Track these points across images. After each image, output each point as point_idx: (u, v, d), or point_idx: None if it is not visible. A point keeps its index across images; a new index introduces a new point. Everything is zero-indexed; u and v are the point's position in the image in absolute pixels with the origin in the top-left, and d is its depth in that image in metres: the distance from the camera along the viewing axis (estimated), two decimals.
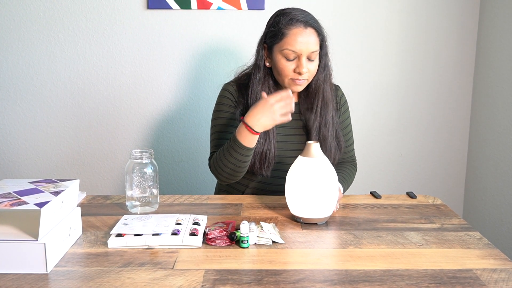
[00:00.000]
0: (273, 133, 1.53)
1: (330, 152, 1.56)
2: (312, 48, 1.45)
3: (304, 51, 1.44)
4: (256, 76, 1.53)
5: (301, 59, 1.44)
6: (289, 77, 1.47)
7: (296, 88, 1.50)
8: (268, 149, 1.52)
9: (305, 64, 1.45)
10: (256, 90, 1.53)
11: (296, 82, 1.48)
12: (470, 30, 2.24)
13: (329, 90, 1.56)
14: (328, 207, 1.30)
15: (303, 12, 1.49)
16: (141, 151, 1.40)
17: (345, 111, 1.67)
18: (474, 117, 2.30)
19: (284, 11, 1.50)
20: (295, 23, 1.44)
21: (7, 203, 1.05)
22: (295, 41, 1.43)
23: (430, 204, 1.50)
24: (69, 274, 1.04)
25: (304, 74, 1.45)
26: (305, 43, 1.43)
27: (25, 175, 2.27)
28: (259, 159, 1.52)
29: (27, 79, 2.19)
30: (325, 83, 1.55)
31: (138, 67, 2.20)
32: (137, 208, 1.42)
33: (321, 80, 1.54)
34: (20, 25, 2.15)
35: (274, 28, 1.48)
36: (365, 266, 1.08)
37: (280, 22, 1.46)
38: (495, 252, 1.15)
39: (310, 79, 1.51)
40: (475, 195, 2.30)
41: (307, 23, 1.45)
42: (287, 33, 1.44)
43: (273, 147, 1.53)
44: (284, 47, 1.45)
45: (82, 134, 2.25)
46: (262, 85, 1.53)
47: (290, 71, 1.46)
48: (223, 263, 1.09)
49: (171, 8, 2.13)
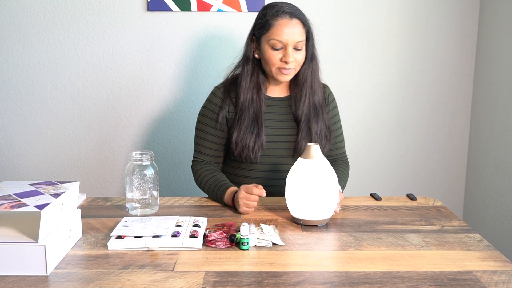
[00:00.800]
0: (263, 121, 1.58)
1: (321, 140, 1.61)
2: (298, 38, 1.51)
3: (290, 41, 1.50)
4: (245, 68, 1.60)
5: (288, 48, 1.51)
6: (276, 66, 1.53)
7: (283, 78, 1.56)
8: (257, 135, 1.57)
9: (291, 54, 1.51)
10: (246, 82, 1.59)
11: (283, 72, 1.54)
12: (470, 30, 2.24)
13: (317, 81, 1.63)
14: (328, 209, 1.30)
15: (289, 4, 1.55)
16: (141, 153, 1.40)
17: (333, 108, 1.71)
18: (474, 118, 2.30)
19: (271, 4, 1.57)
20: (281, 14, 1.51)
21: (7, 205, 1.05)
22: (281, 32, 1.50)
23: (430, 206, 1.50)
24: (69, 276, 1.04)
25: (290, 63, 1.52)
26: (291, 34, 1.50)
27: (25, 177, 2.27)
28: (250, 145, 1.56)
29: (27, 81, 2.19)
30: (313, 73, 1.61)
31: (138, 69, 2.20)
32: (137, 210, 1.42)
33: (309, 70, 1.60)
34: (20, 27, 2.15)
35: (262, 20, 1.55)
36: (365, 268, 1.08)
37: (267, 14, 1.54)
38: (495, 254, 1.15)
39: (297, 69, 1.57)
40: (475, 197, 2.30)
41: (293, 14, 1.52)
42: (273, 24, 1.51)
43: (263, 133, 1.57)
44: (271, 37, 1.51)
45: (82, 136, 2.25)
46: (251, 77, 1.59)
47: (277, 60, 1.52)
48: (223, 265, 1.09)
49: (171, 10, 2.13)
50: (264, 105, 1.60)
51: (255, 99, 1.59)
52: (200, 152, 1.63)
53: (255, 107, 1.58)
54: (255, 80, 1.59)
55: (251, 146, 1.56)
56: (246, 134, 1.56)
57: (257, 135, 1.56)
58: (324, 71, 2.23)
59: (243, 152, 1.57)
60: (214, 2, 2.12)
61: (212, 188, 1.52)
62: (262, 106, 1.59)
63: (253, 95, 1.59)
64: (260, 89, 1.60)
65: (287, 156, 1.62)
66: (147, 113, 2.24)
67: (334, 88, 2.25)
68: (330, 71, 2.24)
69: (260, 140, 1.57)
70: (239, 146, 1.57)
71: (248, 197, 1.39)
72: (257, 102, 1.59)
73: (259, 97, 1.59)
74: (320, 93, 1.64)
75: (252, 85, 1.59)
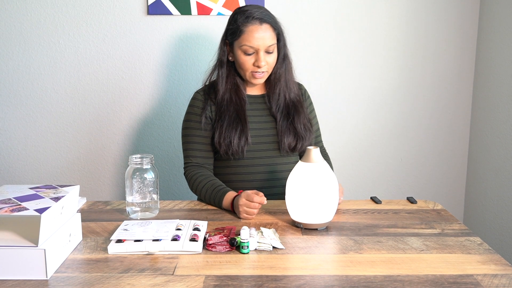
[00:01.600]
0: (246, 117, 1.61)
1: (306, 134, 1.64)
2: (269, 43, 1.56)
3: (261, 46, 1.55)
4: (220, 72, 1.65)
5: (259, 53, 1.56)
6: (249, 70, 1.59)
7: (256, 81, 1.62)
8: (242, 131, 1.58)
9: (263, 58, 1.56)
10: (223, 85, 1.63)
11: (256, 76, 1.59)
12: (469, 35, 2.25)
13: (291, 78, 1.68)
14: (328, 212, 1.30)
15: (259, 9, 1.58)
16: (141, 156, 1.41)
17: (310, 104, 1.77)
18: (474, 121, 2.30)
19: (242, 9, 1.60)
20: (251, 20, 1.55)
21: (7, 209, 1.05)
22: (252, 37, 1.54)
23: (430, 209, 1.50)
24: (69, 280, 1.04)
25: (262, 67, 1.57)
26: (262, 39, 1.54)
27: (25, 181, 2.27)
28: (235, 141, 1.58)
29: (27, 84, 2.20)
30: (286, 72, 1.66)
31: (138, 73, 2.21)
32: (137, 213, 1.42)
33: (281, 70, 1.65)
34: (21, 31, 2.15)
35: (233, 26, 1.59)
36: (365, 272, 1.07)
37: (238, 20, 1.57)
38: (496, 258, 1.15)
39: (269, 71, 1.62)
40: (476, 200, 2.30)
41: (262, 20, 1.55)
42: (244, 30, 1.55)
43: (247, 128, 1.59)
44: (242, 43, 1.56)
45: (82, 139, 2.25)
46: (227, 79, 1.64)
47: (250, 65, 1.58)
48: (223, 269, 1.09)
49: (171, 14, 2.14)
50: (245, 103, 1.63)
51: (234, 99, 1.62)
52: (191, 156, 1.63)
53: (235, 105, 1.61)
54: (232, 81, 1.64)
55: (236, 141, 1.58)
56: (230, 131, 1.58)
57: (241, 130, 1.59)
58: (324, 75, 2.25)
59: (229, 149, 1.58)
60: (214, 5, 2.12)
61: (209, 194, 1.52)
62: (243, 104, 1.63)
63: (232, 95, 1.63)
64: (239, 89, 1.64)
65: (273, 150, 1.64)
66: (148, 117, 2.24)
67: (334, 91, 2.27)
68: (330, 75, 2.25)
69: (245, 135, 1.59)
70: (224, 144, 1.58)
71: (248, 205, 1.38)
72: (237, 101, 1.62)
73: (239, 96, 1.63)
74: (296, 90, 1.70)
75: (230, 86, 1.64)
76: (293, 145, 1.64)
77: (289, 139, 1.63)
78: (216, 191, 1.50)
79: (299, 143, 1.64)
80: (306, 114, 1.69)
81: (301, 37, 2.20)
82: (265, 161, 1.63)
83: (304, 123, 1.66)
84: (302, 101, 1.70)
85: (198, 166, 1.62)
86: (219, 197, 1.48)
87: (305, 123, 1.66)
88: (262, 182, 1.63)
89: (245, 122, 1.60)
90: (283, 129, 1.63)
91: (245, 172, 1.63)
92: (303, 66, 2.22)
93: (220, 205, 1.49)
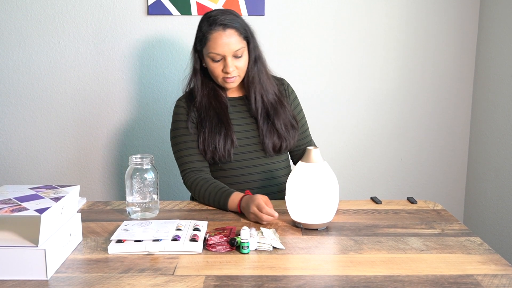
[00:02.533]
0: (228, 119, 1.59)
1: (288, 133, 1.62)
2: (235, 47, 1.53)
3: (227, 52, 1.52)
4: (194, 80, 1.64)
5: (227, 59, 1.53)
6: (220, 77, 1.57)
7: (229, 86, 1.60)
8: (226, 134, 1.57)
9: (231, 63, 1.54)
10: (199, 93, 1.62)
11: (227, 81, 1.57)
12: (469, 35, 2.24)
13: (266, 79, 1.64)
14: (328, 212, 1.30)
15: (223, 13, 1.55)
16: (142, 156, 1.41)
17: (294, 99, 1.73)
18: (474, 122, 2.30)
19: (207, 15, 1.57)
20: (215, 27, 1.52)
21: (8, 209, 1.05)
22: (216, 44, 1.52)
23: (430, 210, 1.50)
24: (69, 280, 1.04)
25: (231, 72, 1.55)
26: (227, 44, 1.52)
27: (25, 181, 2.27)
28: (221, 145, 1.56)
29: (27, 84, 2.20)
30: (260, 74, 1.63)
31: (138, 73, 2.21)
32: (138, 214, 1.42)
33: (255, 72, 1.62)
34: (21, 31, 2.15)
35: (199, 33, 1.57)
36: (365, 272, 1.07)
37: (203, 27, 1.55)
38: (496, 258, 1.15)
39: (241, 75, 1.60)
40: (476, 200, 2.30)
41: (226, 26, 1.52)
42: (209, 37, 1.53)
43: (232, 131, 1.58)
44: (209, 51, 1.54)
45: (83, 139, 2.25)
46: (203, 86, 1.62)
47: (220, 71, 1.56)
48: (223, 269, 1.09)
49: (171, 14, 2.14)
50: (226, 106, 1.62)
51: (214, 103, 1.61)
52: (187, 162, 1.59)
53: (215, 109, 1.60)
54: (209, 87, 1.63)
55: (221, 145, 1.56)
56: (213, 135, 1.57)
57: (226, 134, 1.57)
58: (325, 76, 2.25)
59: (215, 154, 1.57)
60: (214, 6, 2.12)
61: (212, 197, 1.49)
62: (224, 107, 1.61)
63: (211, 100, 1.61)
64: (217, 93, 1.62)
65: (259, 151, 1.63)
66: (148, 117, 2.24)
67: (334, 91, 2.27)
68: (330, 76, 2.25)
69: (230, 138, 1.57)
70: (209, 150, 1.57)
71: (257, 214, 1.35)
72: (217, 105, 1.61)
73: (219, 100, 1.61)
74: (274, 89, 1.66)
75: (207, 92, 1.62)
76: (278, 147, 1.62)
77: (272, 141, 1.61)
78: (220, 193, 1.48)
79: (283, 144, 1.62)
80: (289, 112, 1.66)
81: (301, 37, 2.20)
82: (254, 162, 1.62)
83: (285, 123, 1.63)
84: (282, 100, 1.66)
85: (196, 171, 1.59)
86: (224, 199, 1.46)
87: (286, 122, 1.63)
88: (254, 183, 1.62)
89: (228, 124, 1.58)
90: (265, 131, 1.61)
91: (236, 175, 1.62)
92: (303, 66, 2.22)
93: (225, 208, 1.47)
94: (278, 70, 2.19)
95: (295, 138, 1.66)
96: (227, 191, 1.48)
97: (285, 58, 2.21)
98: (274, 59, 2.20)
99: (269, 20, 2.18)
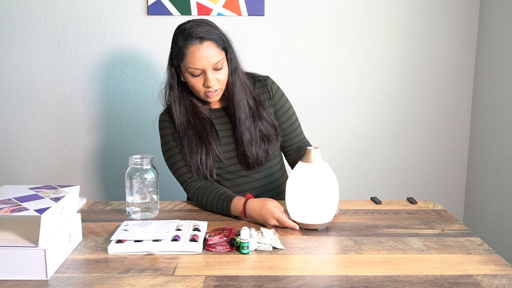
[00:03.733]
0: (208, 136, 1.53)
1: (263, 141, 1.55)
2: (214, 60, 1.45)
3: (207, 65, 1.44)
4: (171, 96, 1.55)
5: (207, 73, 1.45)
6: (202, 91, 1.49)
7: (212, 99, 1.52)
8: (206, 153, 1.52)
9: (212, 77, 1.46)
10: (177, 110, 1.54)
11: (209, 95, 1.50)
12: (469, 35, 2.25)
13: (240, 88, 1.54)
14: (328, 213, 1.30)
15: (198, 25, 1.46)
16: (142, 156, 1.41)
17: (280, 97, 1.65)
18: (474, 122, 2.30)
19: (181, 28, 1.48)
20: (191, 41, 1.43)
21: (8, 209, 1.05)
22: (195, 59, 1.43)
23: (430, 210, 1.50)
24: (69, 280, 1.04)
25: (213, 86, 1.47)
26: (205, 58, 1.44)
27: (25, 181, 2.27)
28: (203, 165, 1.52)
29: (27, 84, 2.20)
30: (240, 83, 1.54)
31: (138, 73, 2.21)
32: (137, 214, 1.42)
33: (234, 82, 1.53)
34: (21, 31, 2.15)
35: (175, 48, 1.48)
36: (365, 272, 1.07)
37: (178, 41, 1.46)
38: (496, 258, 1.15)
39: (223, 87, 1.52)
40: (476, 201, 2.30)
41: (202, 38, 1.44)
42: (186, 52, 1.44)
43: (213, 149, 1.53)
44: (187, 66, 1.46)
45: (82, 139, 2.25)
46: (180, 102, 1.54)
47: (201, 86, 1.48)
48: (223, 269, 1.09)
49: (171, 14, 2.14)
50: (210, 119, 1.56)
51: (192, 120, 1.54)
52: (185, 173, 1.54)
53: (194, 127, 1.53)
54: (186, 103, 1.55)
55: (203, 165, 1.51)
56: (194, 155, 1.51)
57: (206, 152, 1.52)
58: (325, 76, 2.25)
59: (198, 172, 1.52)
60: (214, 6, 2.12)
61: (215, 203, 1.45)
62: (206, 122, 1.55)
63: (189, 117, 1.54)
64: (196, 109, 1.55)
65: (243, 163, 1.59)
66: (147, 117, 2.24)
67: (334, 92, 2.27)
68: (330, 76, 2.25)
69: (212, 155, 1.52)
70: (193, 168, 1.52)
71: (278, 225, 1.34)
72: (197, 122, 1.54)
73: (198, 116, 1.55)
74: (247, 98, 1.56)
75: (184, 109, 1.54)
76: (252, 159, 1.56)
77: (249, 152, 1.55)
78: (222, 199, 1.44)
79: (269, 149, 1.57)
80: (267, 118, 1.58)
81: (301, 37, 2.20)
82: (244, 173, 1.59)
83: (260, 131, 1.56)
84: (260, 105, 1.58)
85: (196, 180, 1.54)
86: (226, 205, 1.42)
87: (263, 129, 1.56)
88: (254, 191, 1.60)
89: (209, 142, 1.52)
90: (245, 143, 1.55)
91: (229, 186, 1.58)
92: (303, 66, 2.22)
93: (228, 213, 1.42)
94: (278, 70, 2.20)
95: (268, 151, 1.57)
96: (227, 197, 1.43)
97: (285, 58, 2.21)
98: (274, 59, 2.21)
99: (269, 20, 2.18)
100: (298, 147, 1.68)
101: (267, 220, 1.33)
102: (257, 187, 1.61)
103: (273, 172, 1.65)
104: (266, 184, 1.63)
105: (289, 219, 1.33)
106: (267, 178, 1.62)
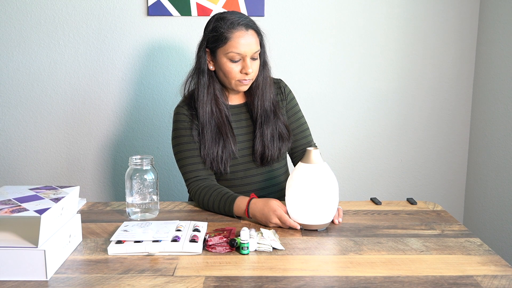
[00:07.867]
0: (227, 131, 1.55)
1: (273, 142, 1.59)
2: (255, 49, 1.51)
3: (248, 52, 1.50)
4: (201, 81, 1.57)
5: (246, 60, 1.50)
6: (236, 78, 1.53)
7: (242, 88, 1.56)
8: (224, 146, 1.54)
9: (250, 64, 1.51)
10: (203, 95, 1.56)
11: (243, 83, 1.54)
12: (469, 35, 2.25)
13: (268, 84, 1.61)
14: (328, 213, 1.30)
15: (241, 15, 1.53)
16: (141, 157, 1.41)
17: (291, 100, 1.70)
18: (474, 122, 2.30)
19: (223, 16, 1.53)
20: (237, 26, 1.49)
21: (7, 210, 1.05)
22: (239, 44, 1.49)
23: (430, 210, 1.50)
24: (69, 281, 1.04)
25: (250, 74, 1.52)
26: (248, 45, 1.50)
27: (25, 182, 2.27)
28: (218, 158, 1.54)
29: (27, 85, 2.20)
30: (264, 80, 1.60)
31: (138, 74, 2.21)
32: (137, 214, 1.42)
33: (261, 77, 1.60)
34: (20, 32, 2.15)
35: (216, 32, 1.51)
36: (365, 273, 1.07)
37: (221, 26, 1.50)
38: (495, 259, 1.15)
39: (254, 78, 1.57)
40: (476, 201, 2.30)
41: (248, 26, 1.51)
42: (230, 36, 1.49)
43: (230, 143, 1.55)
44: (229, 50, 1.49)
45: (82, 140, 2.25)
46: (208, 89, 1.57)
47: (237, 72, 1.52)
48: (223, 270, 1.09)
49: (171, 15, 2.14)
50: (226, 115, 1.58)
51: (215, 111, 1.56)
52: (191, 171, 1.54)
53: (216, 118, 1.55)
54: (212, 92, 1.56)
55: (219, 159, 1.53)
56: (212, 147, 1.53)
57: (224, 146, 1.54)
58: (325, 76, 2.25)
59: (213, 166, 1.54)
60: (214, 6, 2.12)
61: (217, 204, 1.45)
62: (224, 116, 1.57)
63: (212, 107, 1.56)
64: (218, 100, 1.57)
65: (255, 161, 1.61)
66: (147, 118, 2.24)
67: (333, 92, 2.27)
68: (330, 76, 2.25)
69: (228, 151, 1.54)
70: (207, 160, 1.53)
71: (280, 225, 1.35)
72: (218, 113, 1.56)
73: (219, 107, 1.57)
74: (271, 95, 1.62)
75: (210, 97, 1.56)
76: (261, 156, 1.59)
77: (260, 149, 1.58)
78: (225, 198, 1.44)
79: (267, 153, 1.59)
80: (282, 119, 1.62)
81: (301, 37, 2.20)
82: (251, 172, 1.61)
83: (273, 131, 1.59)
84: (277, 105, 1.63)
85: (201, 180, 1.54)
86: (229, 204, 1.43)
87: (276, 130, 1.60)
88: (258, 192, 1.61)
89: (227, 136, 1.54)
90: (257, 140, 1.59)
91: (234, 185, 1.60)
92: (303, 67, 2.22)
93: (230, 213, 1.43)
94: (278, 70, 2.20)
95: (286, 148, 1.62)
96: (230, 196, 1.44)
97: (285, 58, 2.21)
98: (274, 59, 2.20)
99: (269, 20, 2.18)
100: (305, 150, 1.69)
101: (269, 218, 1.34)
102: (261, 188, 1.63)
103: (279, 174, 1.66)
104: (270, 186, 1.64)
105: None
106: (271, 180, 1.64)
